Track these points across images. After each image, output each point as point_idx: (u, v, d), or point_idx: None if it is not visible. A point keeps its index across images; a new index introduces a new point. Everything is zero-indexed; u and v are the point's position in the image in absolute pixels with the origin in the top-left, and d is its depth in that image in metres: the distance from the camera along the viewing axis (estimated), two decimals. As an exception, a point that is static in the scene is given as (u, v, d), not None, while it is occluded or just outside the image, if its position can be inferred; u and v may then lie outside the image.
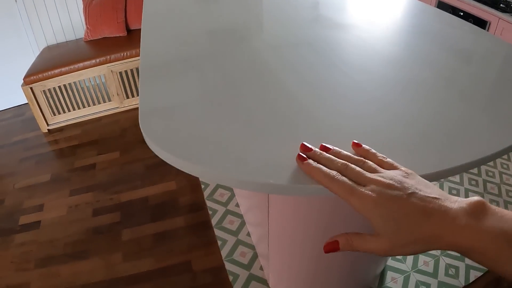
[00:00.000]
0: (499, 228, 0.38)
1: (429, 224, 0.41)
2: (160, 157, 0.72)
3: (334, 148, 0.54)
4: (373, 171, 0.48)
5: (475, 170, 2.48)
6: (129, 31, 3.54)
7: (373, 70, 0.97)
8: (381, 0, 1.64)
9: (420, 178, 0.47)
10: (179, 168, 0.69)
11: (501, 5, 2.89)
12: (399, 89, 0.88)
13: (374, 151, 0.54)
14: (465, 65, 0.98)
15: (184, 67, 1.05)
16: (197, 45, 1.21)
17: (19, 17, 3.54)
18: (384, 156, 0.52)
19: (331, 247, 0.46)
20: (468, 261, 1.90)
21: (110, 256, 2.08)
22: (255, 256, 1.92)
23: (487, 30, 2.91)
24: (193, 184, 2.45)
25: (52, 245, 2.20)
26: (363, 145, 0.56)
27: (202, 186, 2.41)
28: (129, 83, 3.32)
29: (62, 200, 2.51)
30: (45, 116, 3.20)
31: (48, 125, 3.24)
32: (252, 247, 1.97)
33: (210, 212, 2.22)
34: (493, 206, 0.41)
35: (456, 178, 2.41)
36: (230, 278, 1.85)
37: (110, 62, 3.16)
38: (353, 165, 0.49)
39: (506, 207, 2.19)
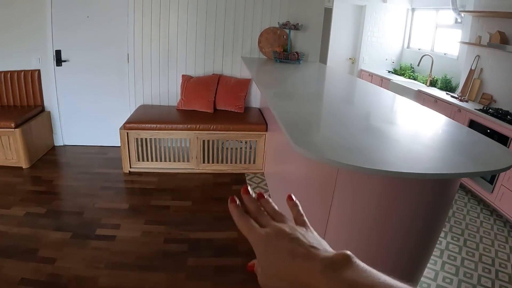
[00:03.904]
0: (353, 279, 0.44)
1: (292, 264, 0.49)
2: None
3: (268, 198, 0.64)
4: (283, 221, 0.58)
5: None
6: (215, 110, 4.65)
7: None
8: (424, 117, 2.63)
9: (315, 234, 0.56)
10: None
11: None
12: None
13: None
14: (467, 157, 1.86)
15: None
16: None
17: (127, 75, 4.76)
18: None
19: (250, 268, 0.58)
20: None
21: (175, 273, 2.82)
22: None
23: (508, 145, 3.91)
24: (253, 238, 3.26)
25: (124, 255, 2.97)
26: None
27: (261, 241, 3.22)
28: (209, 151, 4.36)
29: (137, 225, 3.34)
30: (131, 159, 4.17)
31: (130, 167, 4.23)
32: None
33: (265, 260, 2.99)
34: (361, 263, 0.47)
35: (471, 265, 3.15)
36: (276, 310, 2.57)
37: (197, 130, 4.20)
38: (265, 213, 0.61)
39: (497, 275, 2.98)
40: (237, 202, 0.61)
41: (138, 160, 4.24)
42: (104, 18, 4.57)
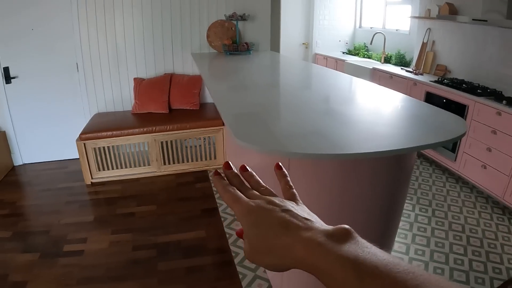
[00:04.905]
0: (353, 255, 0.40)
1: (285, 236, 0.46)
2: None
3: (251, 171, 0.62)
4: (269, 194, 0.56)
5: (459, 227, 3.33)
6: (170, 109, 4.63)
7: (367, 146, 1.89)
8: (382, 95, 2.71)
9: (306, 208, 0.54)
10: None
11: (478, 90, 4.04)
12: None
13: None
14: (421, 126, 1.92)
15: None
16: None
17: (78, 84, 4.70)
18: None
19: (240, 235, 0.54)
20: None
21: (147, 280, 2.84)
22: (270, 287, 2.70)
23: (466, 113, 4.02)
24: (219, 233, 3.32)
25: (94, 269, 2.96)
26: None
27: (227, 235, 3.30)
28: (168, 152, 4.36)
29: (104, 236, 3.33)
30: (91, 170, 4.14)
31: (92, 178, 4.19)
32: (267, 280, 2.77)
33: (233, 254, 3.05)
34: (361, 238, 0.44)
35: (442, 235, 3.30)
36: (249, 301, 2.63)
37: (154, 132, 4.19)
38: (250, 187, 0.58)
39: (487, 256, 3.03)
40: (222, 175, 0.58)
41: (99, 170, 4.20)
42: (49, 30, 4.45)
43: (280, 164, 0.63)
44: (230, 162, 0.60)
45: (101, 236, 3.33)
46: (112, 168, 4.27)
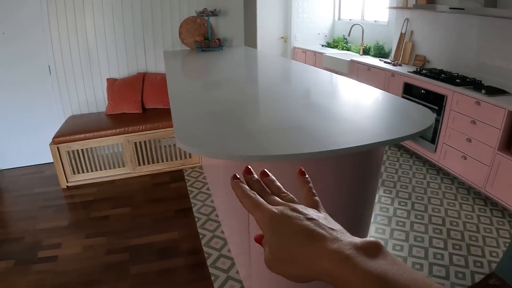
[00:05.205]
0: (382, 272, 0.39)
1: (311, 247, 0.44)
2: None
3: (272, 177, 0.59)
4: (291, 201, 0.54)
5: (439, 221, 3.33)
6: (144, 109, 4.60)
7: (350, 140, 1.87)
8: (362, 91, 2.73)
9: (329, 217, 0.51)
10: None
11: (456, 80, 4.03)
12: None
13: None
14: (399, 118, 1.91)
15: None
16: (200, 123, 2.14)
17: (51, 87, 4.65)
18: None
19: (258, 241, 0.52)
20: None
21: (119, 284, 2.83)
22: (242, 288, 2.71)
23: (445, 103, 4.00)
24: (193, 234, 3.31)
25: (67, 274, 2.94)
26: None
27: (200, 236, 3.28)
28: (142, 153, 4.33)
29: (78, 241, 3.31)
30: (66, 173, 4.11)
31: (67, 182, 4.17)
32: (240, 281, 2.77)
33: (206, 255, 3.04)
34: (389, 253, 0.42)
35: (421, 228, 3.28)
36: (220, 303, 2.62)
37: (127, 133, 4.16)
38: (270, 193, 0.56)
39: (468, 250, 3.00)
40: (240, 179, 0.56)
41: (74, 173, 4.17)
42: (20, 33, 4.36)
43: (303, 169, 0.60)
44: (250, 167, 0.59)
45: (75, 241, 3.31)
46: (87, 171, 4.23)
